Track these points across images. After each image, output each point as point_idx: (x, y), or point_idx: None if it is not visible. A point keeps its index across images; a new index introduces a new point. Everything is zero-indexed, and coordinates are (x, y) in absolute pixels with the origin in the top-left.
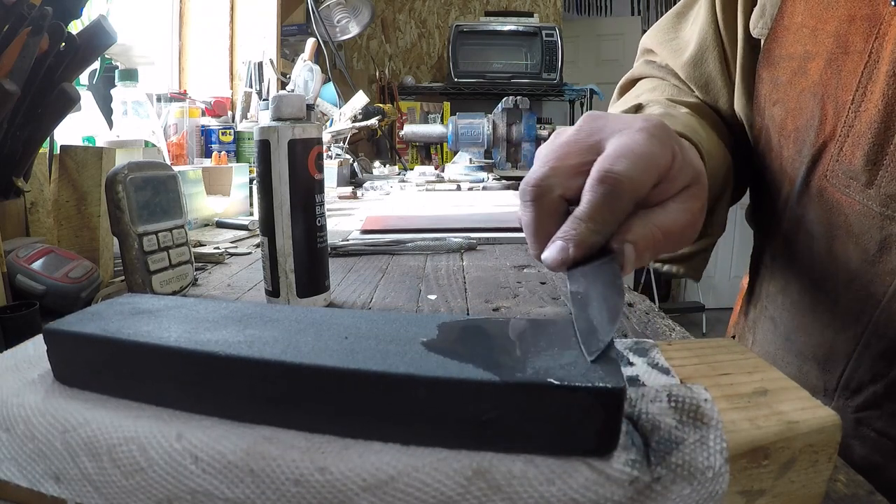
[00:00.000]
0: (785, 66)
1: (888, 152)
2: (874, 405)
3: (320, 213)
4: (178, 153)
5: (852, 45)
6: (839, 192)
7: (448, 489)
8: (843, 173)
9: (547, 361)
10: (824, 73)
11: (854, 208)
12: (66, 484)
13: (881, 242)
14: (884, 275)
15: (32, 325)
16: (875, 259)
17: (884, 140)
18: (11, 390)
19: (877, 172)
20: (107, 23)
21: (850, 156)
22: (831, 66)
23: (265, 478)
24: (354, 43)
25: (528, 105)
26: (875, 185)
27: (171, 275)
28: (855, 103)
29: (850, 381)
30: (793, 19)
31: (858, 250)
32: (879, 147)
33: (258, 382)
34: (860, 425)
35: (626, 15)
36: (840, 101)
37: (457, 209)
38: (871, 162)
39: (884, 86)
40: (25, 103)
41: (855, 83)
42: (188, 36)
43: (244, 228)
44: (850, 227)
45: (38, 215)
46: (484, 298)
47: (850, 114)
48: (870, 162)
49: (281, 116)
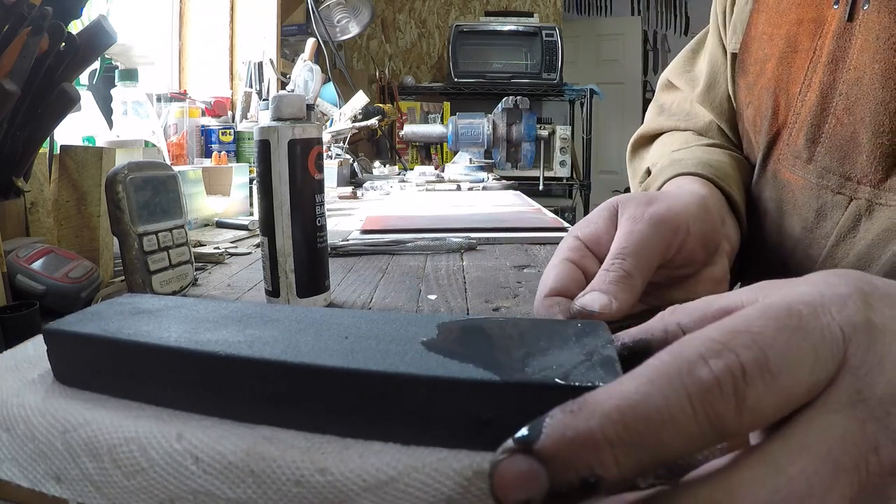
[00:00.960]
0: (752, 70)
1: (824, 131)
2: None
3: (320, 213)
4: (178, 153)
5: (801, 44)
6: (788, 171)
7: (448, 489)
8: (791, 154)
9: (547, 361)
10: (776, 70)
11: (798, 184)
12: (67, 484)
13: (818, 211)
14: (820, 239)
15: (32, 325)
16: (813, 226)
17: (821, 121)
18: (11, 390)
19: (815, 149)
20: (107, 23)
21: (797, 138)
22: (783, 64)
23: (266, 478)
24: (354, 43)
25: (528, 105)
26: (813, 160)
27: (171, 275)
28: (801, 94)
29: None
30: (756, 29)
31: (801, 220)
32: (817, 127)
33: (258, 382)
34: None
35: (626, 15)
36: (790, 93)
37: (457, 209)
38: (811, 141)
39: (822, 75)
40: (25, 103)
41: (802, 76)
42: (188, 36)
43: (244, 228)
44: (795, 201)
45: (38, 215)
46: (484, 298)
47: (798, 103)
48: (809, 141)
49: (281, 116)
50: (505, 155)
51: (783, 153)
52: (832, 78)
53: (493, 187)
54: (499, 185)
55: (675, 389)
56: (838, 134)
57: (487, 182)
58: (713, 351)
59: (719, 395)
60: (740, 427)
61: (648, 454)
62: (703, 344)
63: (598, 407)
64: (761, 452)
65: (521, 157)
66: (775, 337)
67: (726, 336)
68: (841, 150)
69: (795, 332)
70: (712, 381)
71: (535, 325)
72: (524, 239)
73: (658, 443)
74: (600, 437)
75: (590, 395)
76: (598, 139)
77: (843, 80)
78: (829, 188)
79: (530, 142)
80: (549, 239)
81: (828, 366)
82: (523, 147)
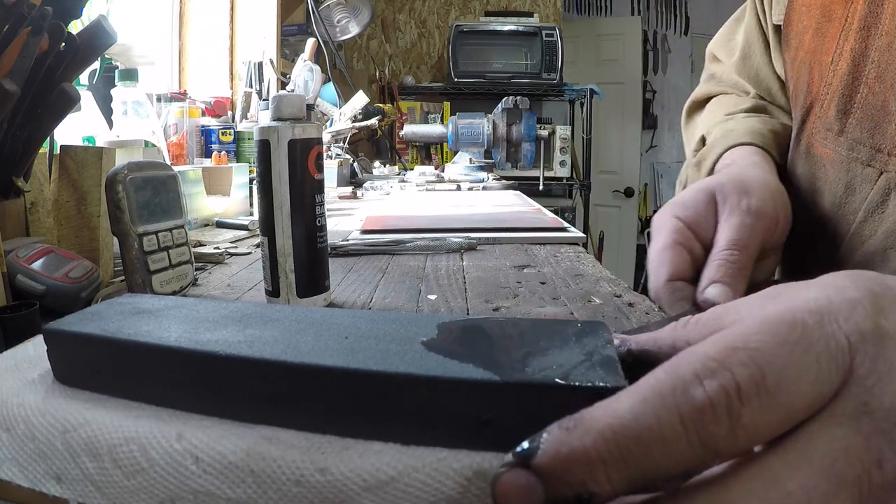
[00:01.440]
0: (793, 43)
1: (856, 101)
2: None
3: (320, 213)
4: (178, 153)
5: (834, 13)
6: (820, 145)
7: (448, 489)
8: (822, 127)
9: (547, 361)
10: (812, 42)
11: (829, 157)
12: (67, 484)
13: (847, 185)
14: (848, 214)
15: (32, 325)
16: (841, 202)
17: (852, 91)
18: (11, 390)
19: (846, 121)
20: (107, 23)
21: (828, 110)
22: (818, 35)
23: (266, 478)
24: (354, 43)
25: (528, 105)
26: (844, 132)
27: (171, 275)
28: (833, 63)
29: None
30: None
31: (830, 195)
32: (849, 98)
33: (258, 382)
34: None
35: (626, 15)
36: (823, 63)
37: (457, 209)
38: (842, 112)
39: (853, 42)
40: (25, 103)
41: (834, 45)
42: (188, 36)
43: (244, 228)
44: (826, 175)
45: (38, 215)
46: (484, 298)
47: (830, 73)
48: (840, 112)
49: (281, 116)
50: (505, 155)
51: (816, 126)
52: (864, 45)
53: (493, 187)
54: (499, 185)
55: (668, 409)
56: (869, 103)
57: (487, 182)
58: (709, 369)
59: (712, 416)
60: (735, 446)
61: (639, 472)
62: (699, 361)
63: (592, 425)
64: (761, 465)
65: (521, 157)
66: (774, 353)
67: (723, 353)
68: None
69: (796, 346)
70: (705, 402)
71: (535, 325)
72: (524, 239)
73: (649, 461)
74: (593, 455)
75: (586, 412)
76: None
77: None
78: (860, 161)
79: (530, 142)
80: (549, 239)
81: (832, 377)
82: (523, 147)
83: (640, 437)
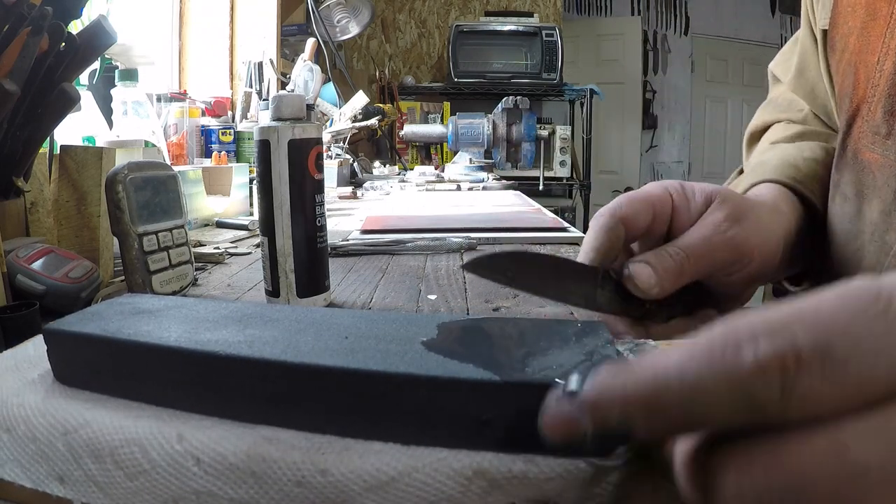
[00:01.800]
0: (839, 46)
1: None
2: None
3: (320, 213)
4: (178, 153)
5: (879, 10)
6: (868, 150)
7: (449, 489)
8: (870, 130)
9: (547, 361)
10: (857, 43)
11: (878, 163)
12: (71, 485)
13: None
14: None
15: (32, 325)
16: (891, 209)
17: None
18: (11, 390)
19: (894, 122)
20: (107, 23)
21: (874, 112)
22: (863, 35)
23: (267, 479)
24: (354, 43)
25: (528, 105)
26: (892, 134)
27: (171, 275)
28: (879, 63)
29: None
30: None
31: (880, 203)
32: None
33: (258, 382)
34: None
35: (626, 15)
36: (869, 64)
37: (457, 209)
38: (889, 113)
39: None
40: (25, 103)
41: (880, 44)
42: (188, 36)
43: (244, 228)
44: (875, 182)
45: (38, 215)
46: (484, 298)
47: (876, 74)
48: (887, 113)
49: (281, 116)
50: (505, 155)
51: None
52: None
53: (493, 187)
54: (499, 185)
55: (713, 368)
56: None
57: (487, 182)
58: (769, 330)
59: (762, 382)
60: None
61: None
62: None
63: (639, 374)
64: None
65: (521, 157)
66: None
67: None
68: None
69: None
70: (753, 366)
71: (535, 326)
72: (524, 239)
73: (689, 415)
74: (633, 399)
75: (636, 360)
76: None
77: None
78: None
79: (530, 142)
80: (550, 239)
81: None
82: (523, 147)
83: (680, 392)
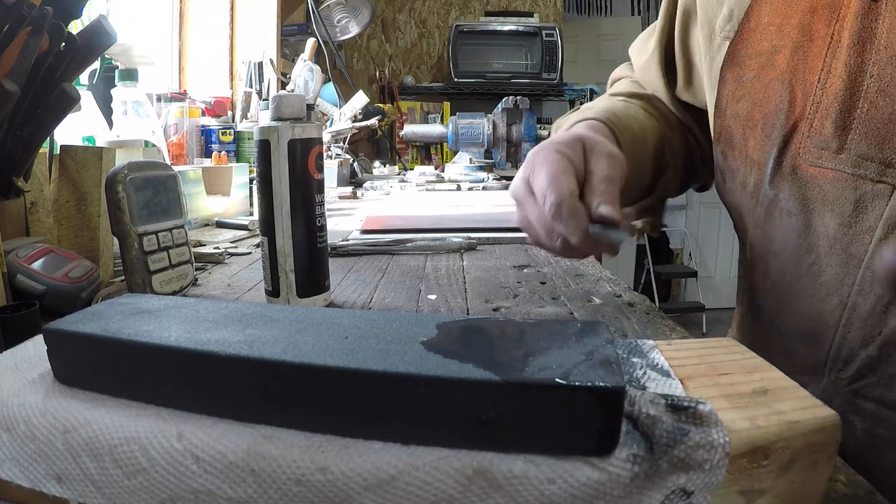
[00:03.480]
0: (751, 63)
1: (856, 116)
2: (869, 370)
3: (320, 213)
4: (178, 153)
5: (816, 32)
6: (811, 165)
7: (449, 488)
8: (814, 146)
9: (547, 361)
10: (791, 61)
11: (827, 177)
12: (68, 484)
13: (856, 203)
14: (862, 234)
15: (32, 325)
16: (852, 221)
17: (850, 106)
18: (11, 390)
19: (846, 137)
20: (107, 23)
21: (820, 128)
22: (797, 54)
23: (266, 478)
24: (354, 43)
25: (528, 105)
26: (846, 149)
27: (171, 275)
28: (821, 82)
29: (840, 350)
30: (759, 21)
31: (835, 216)
32: (847, 113)
33: (258, 382)
34: (857, 397)
35: (626, 15)
36: (808, 82)
37: (457, 209)
38: (840, 128)
39: (846, 57)
40: (25, 103)
41: (820, 64)
42: (188, 36)
43: (244, 228)
44: (825, 196)
45: (38, 215)
46: (484, 298)
47: (818, 91)
48: (838, 128)
49: (281, 116)
50: (505, 155)
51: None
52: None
53: (493, 187)
54: (499, 185)
55: None
56: (873, 118)
57: (487, 182)
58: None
59: None
60: None
61: None
62: None
63: None
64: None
65: (521, 157)
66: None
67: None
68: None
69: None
70: None
71: (535, 326)
72: (524, 239)
73: None
74: None
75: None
76: None
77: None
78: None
79: (530, 142)
80: None
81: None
82: (523, 147)
83: None
